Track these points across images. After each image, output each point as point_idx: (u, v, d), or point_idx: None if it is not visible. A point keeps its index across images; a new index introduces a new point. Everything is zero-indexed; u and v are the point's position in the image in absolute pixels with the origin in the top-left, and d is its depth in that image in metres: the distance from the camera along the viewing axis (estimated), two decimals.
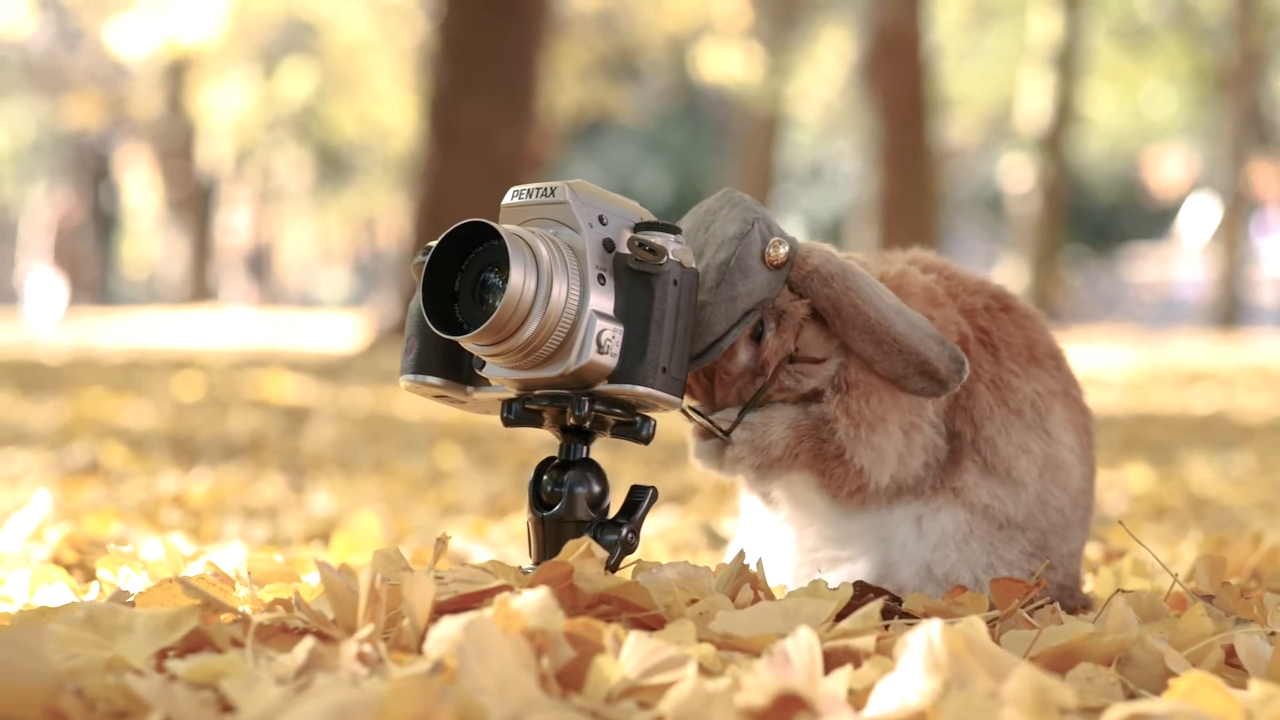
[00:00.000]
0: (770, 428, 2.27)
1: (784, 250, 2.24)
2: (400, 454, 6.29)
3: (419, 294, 2.16)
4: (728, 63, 27.33)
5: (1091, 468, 2.45)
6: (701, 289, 2.22)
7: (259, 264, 42.66)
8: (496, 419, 2.26)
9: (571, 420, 2.19)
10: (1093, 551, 3.22)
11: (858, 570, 2.35)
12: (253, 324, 23.38)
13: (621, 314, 2.16)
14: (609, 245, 2.17)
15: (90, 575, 2.83)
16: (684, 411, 2.28)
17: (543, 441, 6.40)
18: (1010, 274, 23.77)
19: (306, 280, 48.34)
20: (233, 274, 40.76)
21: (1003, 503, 2.34)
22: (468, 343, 2.14)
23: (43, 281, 25.70)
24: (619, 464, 5.70)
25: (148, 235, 42.37)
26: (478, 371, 2.22)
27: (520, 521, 4.04)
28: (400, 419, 8.12)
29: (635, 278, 2.16)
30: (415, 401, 8.33)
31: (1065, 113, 23.56)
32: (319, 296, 45.62)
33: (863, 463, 2.28)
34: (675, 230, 2.18)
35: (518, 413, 2.21)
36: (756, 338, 2.26)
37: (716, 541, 3.69)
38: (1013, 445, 2.34)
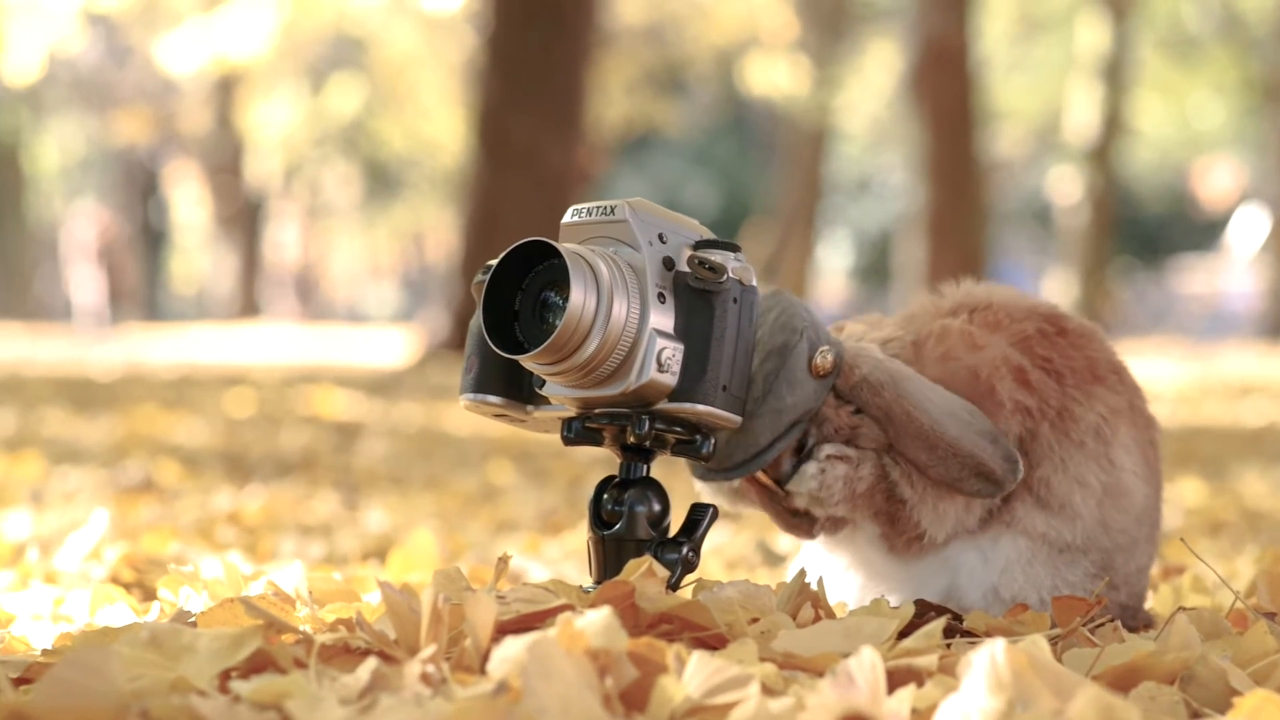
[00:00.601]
0: (864, 464, 2.28)
1: (831, 358, 2.23)
2: (453, 470, 6.29)
3: (479, 313, 2.16)
4: (775, 75, 27.31)
5: (1157, 484, 2.42)
6: (748, 397, 2.22)
7: (307, 279, 42.79)
8: (554, 437, 2.27)
9: (632, 439, 2.19)
10: (1151, 568, 3.20)
11: (922, 594, 2.35)
12: (302, 339, 23.44)
13: (681, 332, 2.16)
14: (669, 263, 2.17)
15: (149, 594, 2.84)
16: (754, 476, 2.28)
17: (594, 457, 6.40)
18: (1059, 286, 23.72)
19: (355, 295, 48.46)
20: (281, 289, 40.89)
21: (1059, 531, 2.32)
22: (528, 362, 2.15)
23: (87, 297, 25.82)
24: (674, 481, 5.67)
25: (196, 251, 42.58)
26: (537, 390, 2.22)
27: (574, 538, 4.04)
28: (452, 434, 8.13)
29: (695, 296, 2.16)
30: (466, 417, 8.32)
31: (1113, 124, 23.48)
32: (367, 312, 45.74)
33: (920, 517, 2.29)
34: (735, 248, 2.18)
35: (578, 431, 2.21)
36: (799, 449, 2.27)
37: (772, 559, 3.68)
38: (1069, 481, 2.32)
